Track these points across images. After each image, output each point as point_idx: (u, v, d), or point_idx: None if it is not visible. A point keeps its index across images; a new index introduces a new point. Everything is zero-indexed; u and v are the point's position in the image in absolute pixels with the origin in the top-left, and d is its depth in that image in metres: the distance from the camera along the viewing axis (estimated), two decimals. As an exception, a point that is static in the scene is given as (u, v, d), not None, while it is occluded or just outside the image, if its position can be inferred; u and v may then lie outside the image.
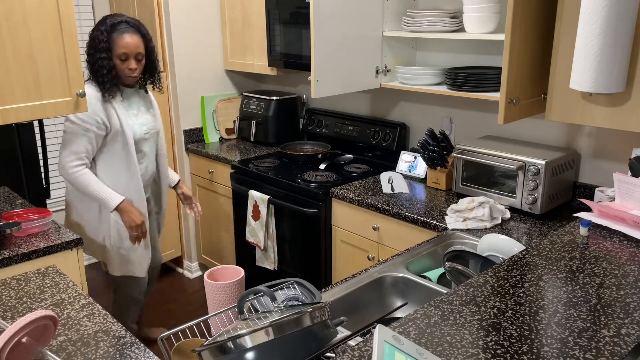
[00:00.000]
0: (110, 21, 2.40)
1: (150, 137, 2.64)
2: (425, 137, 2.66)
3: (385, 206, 2.49)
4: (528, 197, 2.30)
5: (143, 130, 2.57)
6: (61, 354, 1.38)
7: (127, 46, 2.39)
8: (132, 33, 2.40)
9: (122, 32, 2.38)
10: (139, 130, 2.55)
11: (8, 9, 2.09)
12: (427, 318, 1.24)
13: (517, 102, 2.13)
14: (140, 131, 2.56)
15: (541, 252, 1.57)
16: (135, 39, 2.41)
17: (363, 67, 2.76)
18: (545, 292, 1.35)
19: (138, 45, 2.42)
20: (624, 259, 1.52)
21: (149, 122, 2.63)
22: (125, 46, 2.38)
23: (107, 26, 2.38)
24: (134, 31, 2.41)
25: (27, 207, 2.46)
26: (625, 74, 1.83)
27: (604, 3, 1.74)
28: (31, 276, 1.80)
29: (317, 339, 1.19)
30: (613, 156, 2.37)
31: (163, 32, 3.51)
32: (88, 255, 4.19)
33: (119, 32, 2.38)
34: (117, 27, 2.39)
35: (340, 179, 2.90)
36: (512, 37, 2.02)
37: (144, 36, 2.45)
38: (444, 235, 2.20)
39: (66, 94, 2.26)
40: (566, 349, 1.13)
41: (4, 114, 2.15)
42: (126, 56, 2.40)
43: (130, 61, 2.41)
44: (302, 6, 3.00)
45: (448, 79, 2.52)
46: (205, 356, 1.17)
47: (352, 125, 3.28)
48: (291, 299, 1.47)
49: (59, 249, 2.16)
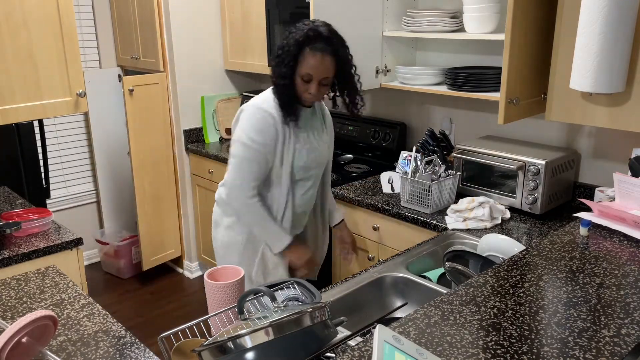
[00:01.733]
0: (308, 29, 1.95)
1: (319, 165, 2.18)
2: (425, 137, 2.66)
3: (385, 206, 2.49)
4: (528, 197, 2.30)
5: (310, 159, 2.12)
6: (61, 354, 1.38)
7: (313, 68, 1.95)
8: (325, 54, 1.95)
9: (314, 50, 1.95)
10: (305, 156, 2.11)
11: (8, 10, 2.09)
12: (427, 318, 1.24)
13: (517, 102, 2.13)
14: (309, 159, 2.12)
15: (541, 252, 1.57)
16: (327, 62, 1.96)
17: (363, 67, 2.75)
18: (545, 292, 1.35)
19: (327, 69, 1.97)
20: (624, 259, 1.52)
21: (320, 147, 2.16)
22: (311, 67, 1.95)
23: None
24: (330, 52, 1.97)
25: (27, 207, 2.46)
26: (625, 74, 1.83)
27: (604, 3, 1.74)
28: (31, 276, 1.80)
29: (317, 339, 1.19)
30: (613, 156, 2.37)
31: (163, 32, 3.51)
32: (88, 255, 4.20)
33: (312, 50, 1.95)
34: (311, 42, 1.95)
35: (340, 179, 2.90)
36: (512, 37, 2.02)
37: (338, 58, 2.00)
38: (444, 235, 2.20)
39: (66, 94, 2.26)
40: (566, 349, 1.13)
41: (4, 114, 2.15)
42: (309, 78, 1.97)
43: (312, 84, 1.98)
44: (302, 6, 3.00)
45: (448, 79, 2.52)
46: (205, 356, 1.17)
47: (352, 125, 3.28)
48: (291, 299, 1.47)
49: (59, 249, 2.16)
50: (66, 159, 4.02)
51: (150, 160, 3.61)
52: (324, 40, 1.95)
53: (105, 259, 4.07)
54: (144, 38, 3.66)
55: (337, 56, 1.99)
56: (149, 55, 3.65)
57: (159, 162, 3.67)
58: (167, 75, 3.59)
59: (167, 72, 3.58)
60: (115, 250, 3.94)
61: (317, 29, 1.95)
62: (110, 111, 4.05)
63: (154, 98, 3.56)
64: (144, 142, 3.56)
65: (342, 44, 2.01)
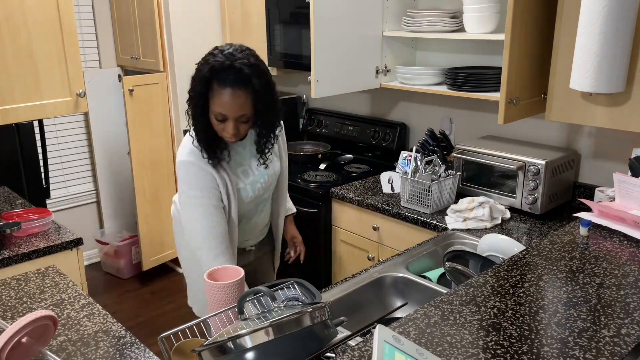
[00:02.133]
0: (213, 61, 1.66)
1: (270, 186, 2.01)
2: (425, 137, 2.66)
3: (385, 206, 2.49)
4: (528, 197, 2.30)
5: (257, 188, 1.93)
6: (61, 354, 1.38)
7: (225, 106, 1.68)
8: (236, 88, 1.66)
9: (222, 85, 1.66)
10: (251, 191, 1.91)
11: (8, 10, 2.09)
12: (427, 318, 1.24)
13: (517, 102, 2.13)
14: (255, 191, 1.92)
15: (541, 252, 1.57)
16: (240, 97, 1.67)
17: (363, 67, 2.76)
18: (545, 292, 1.35)
19: (242, 106, 1.69)
20: (624, 259, 1.52)
21: (267, 170, 1.95)
22: (221, 105, 1.68)
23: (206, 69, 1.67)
24: (241, 85, 1.66)
25: (27, 207, 2.46)
26: (625, 74, 1.83)
27: (604, 3, 1.74)
28: (31, 276, 1.80)
29: (317, 339, 1.19)
30: (613, 156, 2.37)
31: (163, 32, 3.51)
32: (88, 255, 4.20)
33: (219, 84, 1.67)
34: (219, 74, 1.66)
35: (340, 179, 2.90)
36: (512, 37, 2.02)
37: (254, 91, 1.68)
38: (444, 235, 2.20)
39: (66, 94, 2.26)
40: (566, 349, 1.13)
41: (4, 114, 2.15)
42: (223, 117, 1.70)
43: (228, 123, 1.72)
44: (302, 6, 3.00)
45: (448, 79, 2.52)
46: (205, 356, 1.17)
47: (352, 125, 3.28)
48: (291, 299, 1.47)
49: (59, 249, 2.16)
50: (66, 159, 4.02)
51: (150, 160, 3.61)
52: (234, 72, 1.64)
53: (105, 259, 4.07)
54: (144, 38, 3.66)
55: (252, 89, 1.67)
56: (149, 55, 3.65)
57: (159, 162, 3.67)
58: (167, 75, 3.59)
59: (167, 72, 3.58)
60: (115, 250, 3.94)
61: (222, 60, 1.64)
62: (110, 111, 4.05)
63: (154, 98, 3.56)
64: (144, 142, 3.55)
65: (259, 73, 1.68)
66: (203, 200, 1.78)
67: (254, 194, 1.91)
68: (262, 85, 1.69)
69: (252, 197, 1.91)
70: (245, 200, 1.89)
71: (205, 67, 1.66)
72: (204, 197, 1.78)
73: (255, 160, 1.92)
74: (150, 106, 3.54)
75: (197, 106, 1.71)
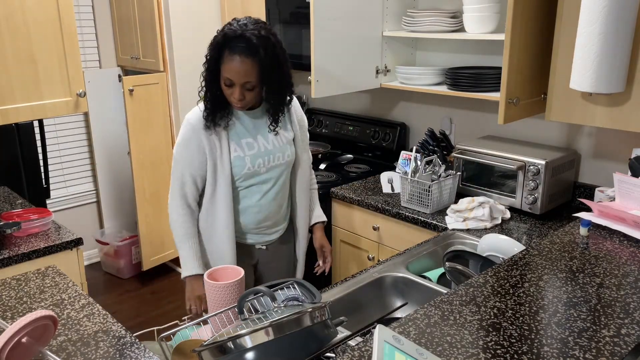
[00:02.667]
0: (228, 29, 1.80)
1: (274, 167, 2.00)
2: (425, 137, 2.66)
3: (385, 206, 2.49)
4: (528, 197, 2.30)
5: (257, 163, 1.95)
6: (61, 354, 1.38)
7: (232, 72, 1.79)
8: (244, 56, 1.77)
9: (232, 53, 1.78)
10: (250, 163, 1.94)
11: (8, 10, 2.09)
12: (427, 318, 1.24)
13: (517, 102, 2.13)
14: (255, 165, 1.95)
15: (541, 252, 1.57)
16: (247, 65, 1.78)
17: (363, 67, 2.76)
18: (545, 292, 1.35)
19: (248, 74, 1.79)
20: (624, 259, 1.52)
21: (274, 148, 1.98)
22: (229, 71, 1.79)
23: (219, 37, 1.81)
24: (249, 54, 1.77)
25: (27, 207, 2.46)
26: (625, 74, 1.83)
27: (604, 3, 1.73)
28: (31, 276, 1.80)
29: (317, 339, 1.19)
30: (613, 156, 2.37)
31: (163, 32, 3.51)
32: (88, 255, 4.20)
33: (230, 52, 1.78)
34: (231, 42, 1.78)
35: (340, 179, 2.90)
36: (512, 37, 2.02)
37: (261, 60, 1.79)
38: (444, 235, 2.20)
39: (66, 94, 2.26)
40: (566, 349, 1.13)
41: (4, 114, 2.15)
42: (231, 82, 1.82)
43: (235, 89, 1.83)
44: (302, 6, 3.00)
45: (448, 79, 2.52)
46: (205, 356, 1.17)
47: (352, 125, 3.28)
48: (291, 299, 1.47)
49: (59, 249, 2.16)
50: (66, 159, 4.02)
51: (150, 160, 3.61)
52: (244, 41, 1.76)
53: (105, 259, 4.07)
54: (144, 38, 3.66)
55: (259, 59, 1.77)
56: (149, 56, 3.65)
57: (159, 162, 3.67)
58: (167, 75, 3.59)
59: (167, 72, 3.58)
60: (115, 250, 3.94)
61: (235, 29, 1.77)
62: (110, 111, 4.05)
63: (154, 98, 3.56)
64: (144, 142, 3.56)
65: (267, 45, 1.78)
66: (184, 160, 1.93)
67: (253, 168, 1.94)
68: (270, 57, 1.79)
69: (250, 169, 1.94)
70: (241, 171, 1.93)
71: (220, 34, 1.81)
72: (183, 158, 1.93)
73: (263, 136, 1.97)
74: (150, 106, 3.54)
75: (209, 70, 1.85)
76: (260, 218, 2.02)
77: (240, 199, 1.99)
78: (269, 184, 2.00)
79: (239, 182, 1.96)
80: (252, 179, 1.97)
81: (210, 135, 1.90)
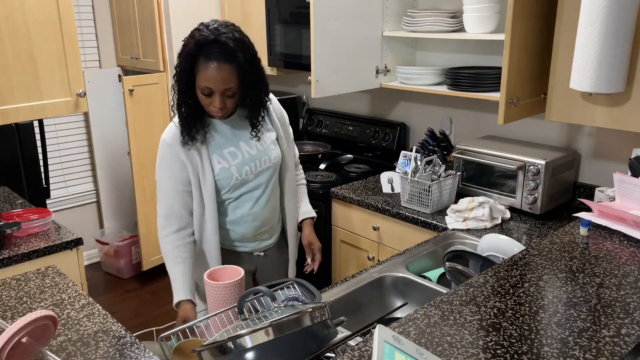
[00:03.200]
0: (199, 36, 1.70)
1: (262, 171, 1.94)
2: (425, 137, 2.66)
3: (385, 206, 2.49)
4: (528, 197, 2.30)
5: (244, 171, 1.89)
6: (61, 354, 1.38)
7: (211, 80, 1.71)
8: (222, 62, 1.69)
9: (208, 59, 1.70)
10: (237, 173, 1.88)
11: (8, 10, 2.09)
12: (427, 318, 1.24)
13: (517, 102, 2.13)
14: (242, 174, 1.89)
15: (541, 252, 1.57)
16: (226, 71, 1.70)
17: (363, 67, 2.76)
18: (545, 292, 1.35)
19: (228, 79, 1.72)
20: (624, 259, 1.52)
21: (258, 152, 1.92)
22: (207, 79, 1.71)
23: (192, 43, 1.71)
24: (227, 59, 1.70)
25: (27, 207, 2.46)
26: (625, 74, 1.83)
27: (604, 3, 1.73)
28: (31, 276, 1.80)
29: (317, 339, 1.19)
30: (613, 156, 2.37)
31: (163, 32, 3.51)
32: (88, 255, 4.20)
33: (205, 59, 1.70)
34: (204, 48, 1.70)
35: (340, 179, 2.90)
36: (512, 37, 2.02)
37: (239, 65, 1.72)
38: (444, 235, 2.20)
39: (66, 94, 2.26)
40: (566, 349, 1.13)
41: (4, 114, 2.15)
42: (210, 91, 1.74)
43: (214, 97, 1.75)
44: (302, 6, 3.00)
45: (448, 79, 2.52)
46: (205, 356, 1.17)
47: (352, 125, 3.28)
48: (291, 299, 1.47)
49: (59, 249, 2.16)
50: (66, 159, 4.02)
51: (150, 160, 3.61)
52: (219, 46, 1.68)
53: (105, 259, 4.07)
54: (144, 38, 3.66)
55: (237, 63, 1.70)
56: (149, 55, 3.65)
57: (159, 162, 3.66)
58: (167, 75, 3.59)
59: (167, 72, 3.58)
60: (115, 250, 3.94)
61: (207, 34, 1.68)
62: (110, 111, 4.05)
63: (154, 98, 3.56)
64: (144, 142, 3.56)
65: (243, 47, 1.72)
66: (163, 180, 1.86)
67: (241, 176, 1.87)
68: (247, 59, 1.73)
69: (237, 179, 1.87)
70: (229, 182, 1.86)
71: (191, 42, 1.70)
72: (166, 178, 1.85)
73: (246, 142, 1.90)
74: (150, 106, 3.54)
75: (182, 82, 1.74)
76: (257, 225, 1.97)
77: (233, 211, 1.93)
78: (259, 190, 1.93)
79: (228, 194, 1.90)
80: (241, 188, 1.90)
81: (189, 150, 1.82)
